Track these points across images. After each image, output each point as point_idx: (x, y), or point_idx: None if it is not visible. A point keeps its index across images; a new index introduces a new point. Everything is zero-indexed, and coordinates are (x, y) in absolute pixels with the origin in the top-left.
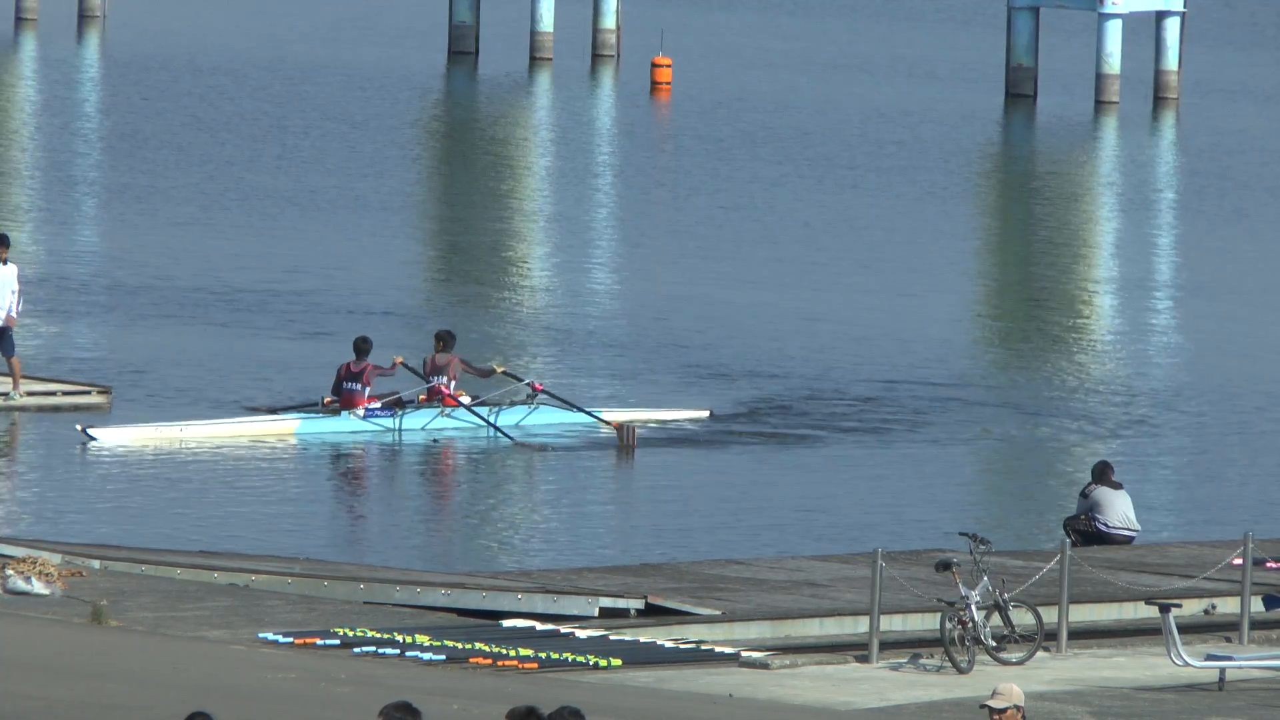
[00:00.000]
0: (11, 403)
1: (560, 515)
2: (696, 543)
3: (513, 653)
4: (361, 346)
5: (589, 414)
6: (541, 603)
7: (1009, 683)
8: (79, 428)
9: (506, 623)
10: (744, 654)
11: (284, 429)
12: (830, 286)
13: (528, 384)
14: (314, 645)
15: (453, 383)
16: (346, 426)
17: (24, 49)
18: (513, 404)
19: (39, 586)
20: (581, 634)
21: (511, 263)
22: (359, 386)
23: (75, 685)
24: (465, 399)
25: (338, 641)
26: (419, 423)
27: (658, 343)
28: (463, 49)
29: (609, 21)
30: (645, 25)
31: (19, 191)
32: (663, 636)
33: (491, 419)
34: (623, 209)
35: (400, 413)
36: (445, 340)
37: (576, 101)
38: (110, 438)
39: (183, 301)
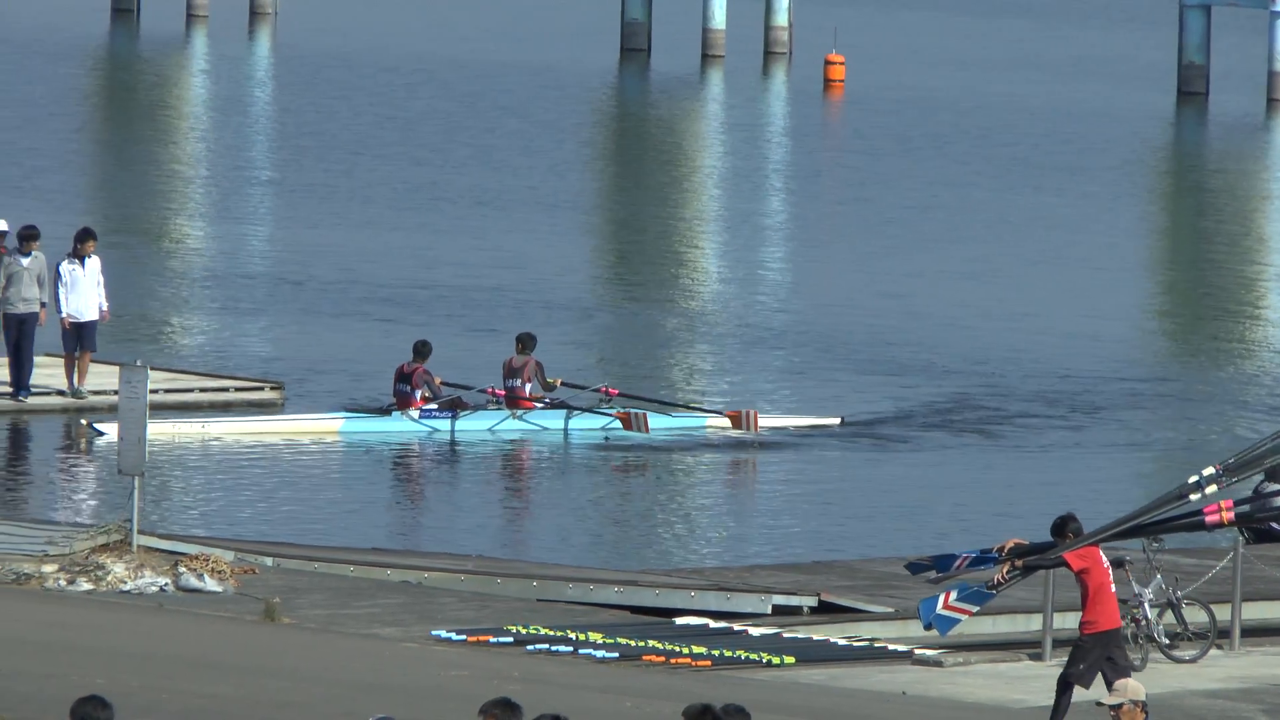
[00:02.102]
0: (82, 400)
1: (732, 513)
2: (869, 541)
3: (686, 650)
4: (419, 349)
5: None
6: (714, 600)
7: (1126, 679)
8: (84, 422)
9: (679, 620)
10: (917, 652)
11: (328, 428)
12: (1002, 285)
13: (598, 389)
14: (487, 643)
15: (528, 385)
16: (394, 427)
17: (195, 46)
18: (590, 409)
19: (211, 584)
20: (754, 631)
21: (681, 261)
22: (409, 388)
23: (246, 682)
24: (541, 403)
25: (510, 639)
26: (482, 425)
27: (822, 343)
28: (635, 46)
29: (781, 19)
30: (818, 22)
31: (192, 189)
32: (836, 634)
33: (567, 423)
34: (793, 208)
35: (459, 414)
36: (525, 343)
37: (748, 99)
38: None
39: (355, 298)
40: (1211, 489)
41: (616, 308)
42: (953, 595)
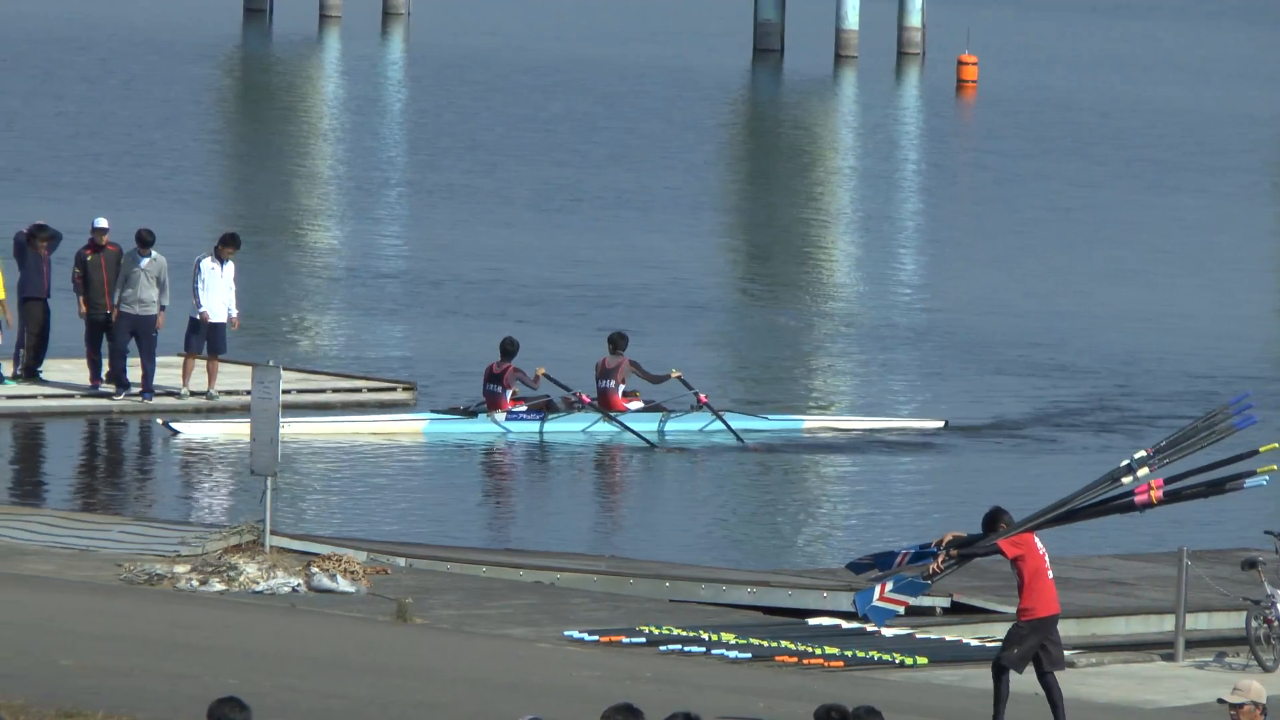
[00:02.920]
0: (214, 402)
1: (864, 513)
2: None
3: (818, 651)
4: (506, 348)
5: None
6: (847, 600)
7: (1250, 679)
8: (161, 421)
9: (812, 620)
10: None
11: (412, 428)
12: (1140, 286)
13: (694, 393)
14: (619, 643)
15: (621, 386)
16: (480, 428)
17: (328, 46)
18: (682, 412)
19: (344, 584)
20: (887, 632)
21: (814, 262)
22: (499, 388)
23: (379, 683)
24: (636, 404)
25: (643, 639)
26: (573, 427)
27: (955, 344)
28: (768, 47)
29: (914, 19)
30: (951, 23)
31: (327, 189)
32: (968, 634)
33: (661, 425)
34: (927, 208)
35: (548, 417)
36: (617, 343)
37: (881, 100)
38: (193, 431)
39: (491, 298)
40: (1143, 471)
41: (749, 308)
42: (889, 586)
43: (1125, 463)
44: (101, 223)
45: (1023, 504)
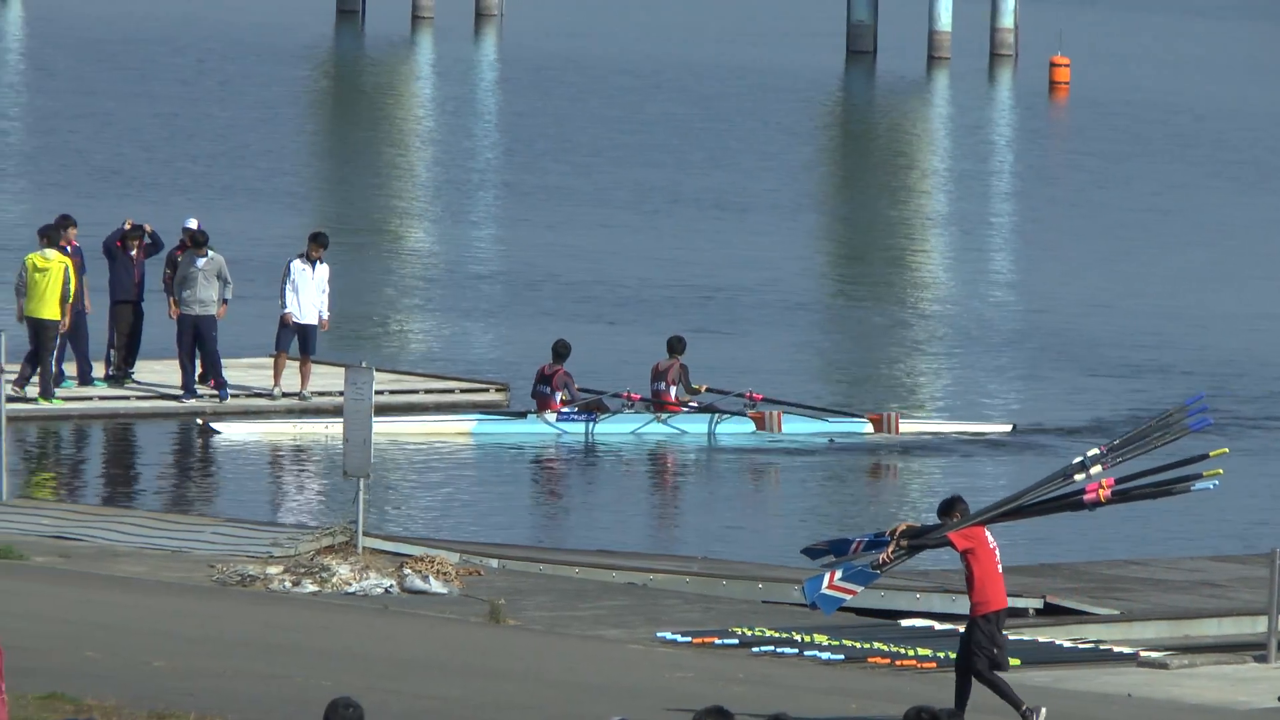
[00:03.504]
0: (307, 403)
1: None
2: (1093, 543)
3: (911, 652)
4: (558, 350)
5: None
6: (939, 602)
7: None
8: (200, 421)
9: (905, 622)
10: (1142, 654)
11: (460, 429)
12: (1235, 289)
13: (741, 394)
14: (712, 644)
15: (673, 389)
16: (530, 429)
17: (420, 47)
18: (733, 413)
19: (436, 585)
20: None
21: (906, 264)
22: (549, 390)
23: (471, 684)
24: (686, 407)
25: (736, 641)
26: (624, 428)
27: (1045, 346)
28: (861, 48)
29: (1007, 21)
30: (1043, 24)
31: (421, 191)
32: (1061, 636)
33: (712, 427)
34: (1019, 210)
35: (598, 418)
36: (674, 346)
37: (974, 101)
38: (232, 431)
39: (586, 299)
40: (1096, 469)
41: (843, 309)
42: (838, 575)
43: (1079, 460)
44: (192, 223)
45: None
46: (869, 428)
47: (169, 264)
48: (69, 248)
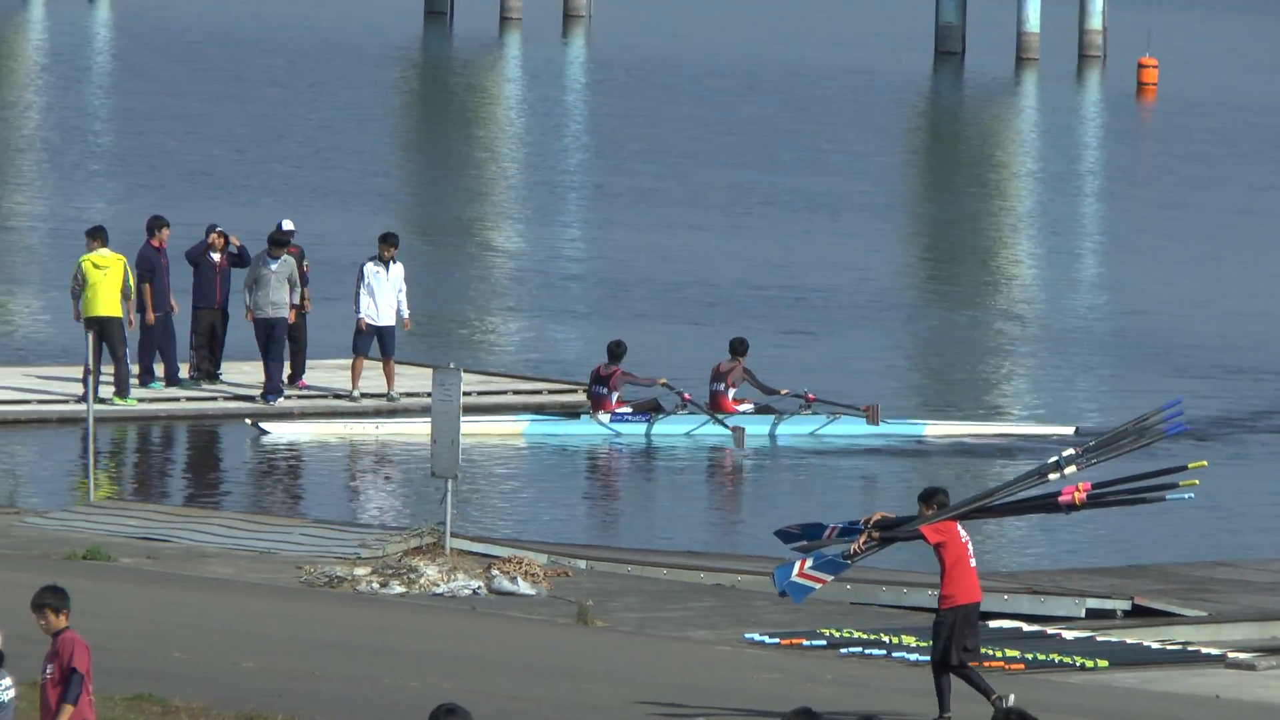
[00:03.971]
0: (394, 403)
1: (1043, 517)
2: (1182, 545)
3: (999, 653)
4: (613, 350)
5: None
6: (1028, 603)
7: None
8: (249, 421)
9: (993, 623)
10: (1230, 655)
11: (512, 429)
12: None
13: (801, 394)
14: (800, 646)
15: (732, 390)
16: (583, 430)
17: (509, 48)
18: (792, 414)
19: (524, 587)
20: (1068, 635)
21: (994, 265)
22: (605, 390)
23: (559, 685)
24: (746, 407)
25: (824, 642)
26: (679, 429)
27: (1132, 347)
28: (949, 49)
29: (1095, 22)
30: (1131, 25)
31: (509, 192)
32: (1149, 637)
33: (773, 429)
34: (1108, 211)
35: (654, 418)
36: (736, 348)
37: (1062, 102)
38: (282, 431)
39: (675, 300)
40: (1071, 470)
41: (930, 310)
42: (808, 563)
43: (1053, 460)
44: (287, 224)
45: (1187, 509)
46: (927, 428)
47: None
48: (160, 248)
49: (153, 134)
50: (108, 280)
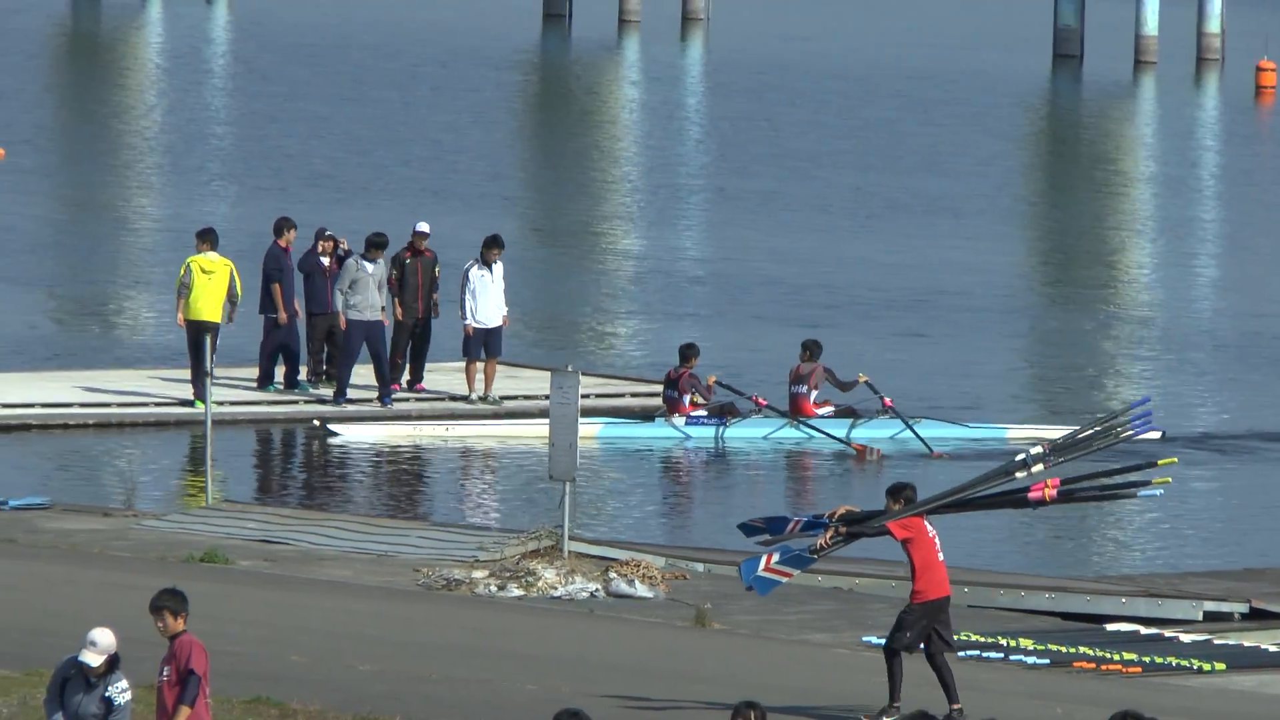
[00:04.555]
0: (497, 406)
1: (1160, 519)
2: None
3: (1116, 657)
4: (684, 352)
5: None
6: (1145, 606)
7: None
8: (316, 422)
9: (1110, 626)
10: None
11: (585, 432)
12: None
13: (880, 397)
14: None
15: (813, 393)
16: (657, 433)
17: (627, 51)
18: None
19: (642, 589)
20: (1185, 638)
21: (1113, 267)
22: (676, 393)
23: (676, 688)
24: (826, 410)
25: None
26: (756, 432)
27: (1249, 351)
28: (1067, 53)
29: (1214, 25)
30: (1250, 28)
31: (629, 195)
32: (1267, 640)
33: (849, 432)
34: (1227, 215)
35: (728, 422)
36: (811, 349)
37: (1180, 106)
38: (350, 432)
39: (790, 303)
40: (1038, 468)
41: (1047, 313)
42: (775, 558)
43: (1020, 457)
44: (423, 227)
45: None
46: (1010, 433)
47: (395, 265)
48: (287, 250)
49: (275, 137)
50: (213, 284)
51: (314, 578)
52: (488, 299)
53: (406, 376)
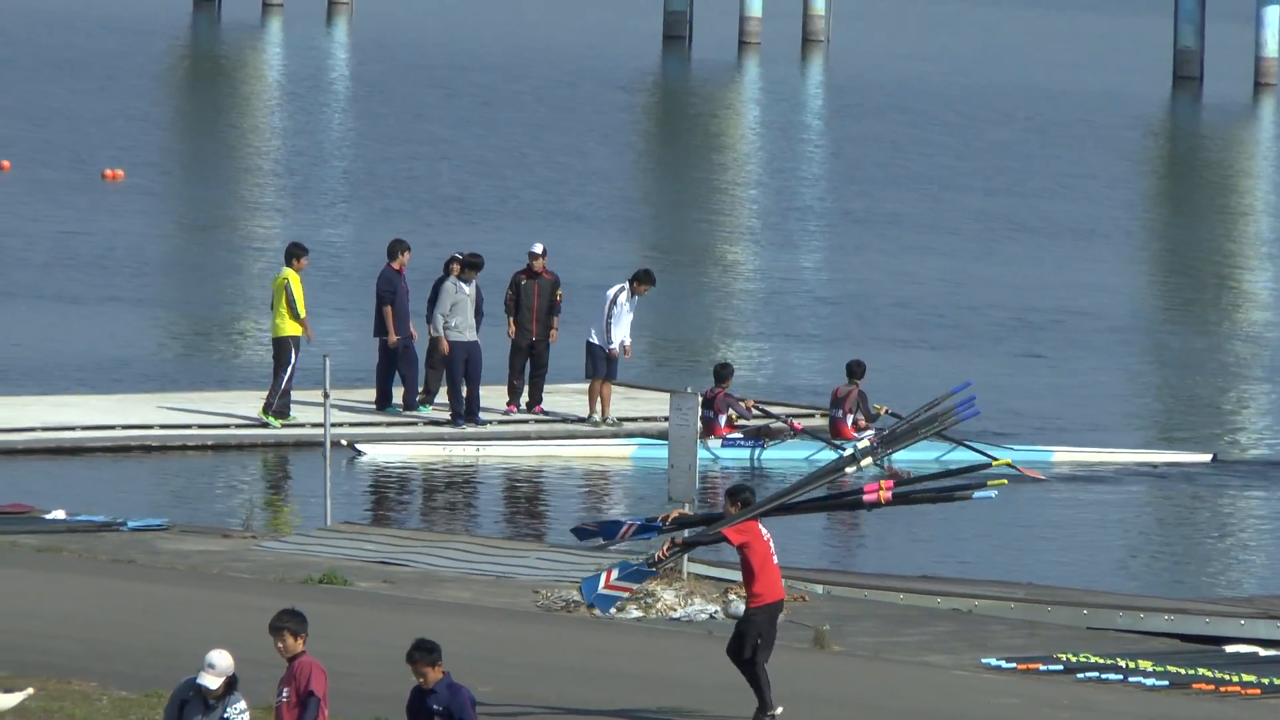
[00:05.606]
0: (616, 428)
1: (1273, 541)
2: None
3: (1235, 678)
4: (719, 372)
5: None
6: (1265, 628)
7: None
8: (345, 443)
9: (1229, 648)
10: None
11: (619, 453)
12: None
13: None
14: (1036, 671)
15: (850, 416)
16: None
17: (747, 72)
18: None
19: None
20: None
21: (1235, 290)
22: (712, 414)
23: (796, 710)
24: (868, 433)
25: (1060, 667)
26: (795, 455)
27: None
28: (1187, 74)
29: None
30: None
31: (748, 215)
32: None
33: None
34: None
35: (766, 444)
36: (853, 371)
37: None
38: (378, 452)
39: (901, 323)
40: (866, 462)
41: (1169, 336)
42: (614, 574)
43: (849, 452)
44: (537, 248)
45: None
46: (1056, 454)
47: (511, 285)
48: (400, 272)
49: (401, 159)
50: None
51: (433, 599)
52: (624, 326)
53: (525, 398)
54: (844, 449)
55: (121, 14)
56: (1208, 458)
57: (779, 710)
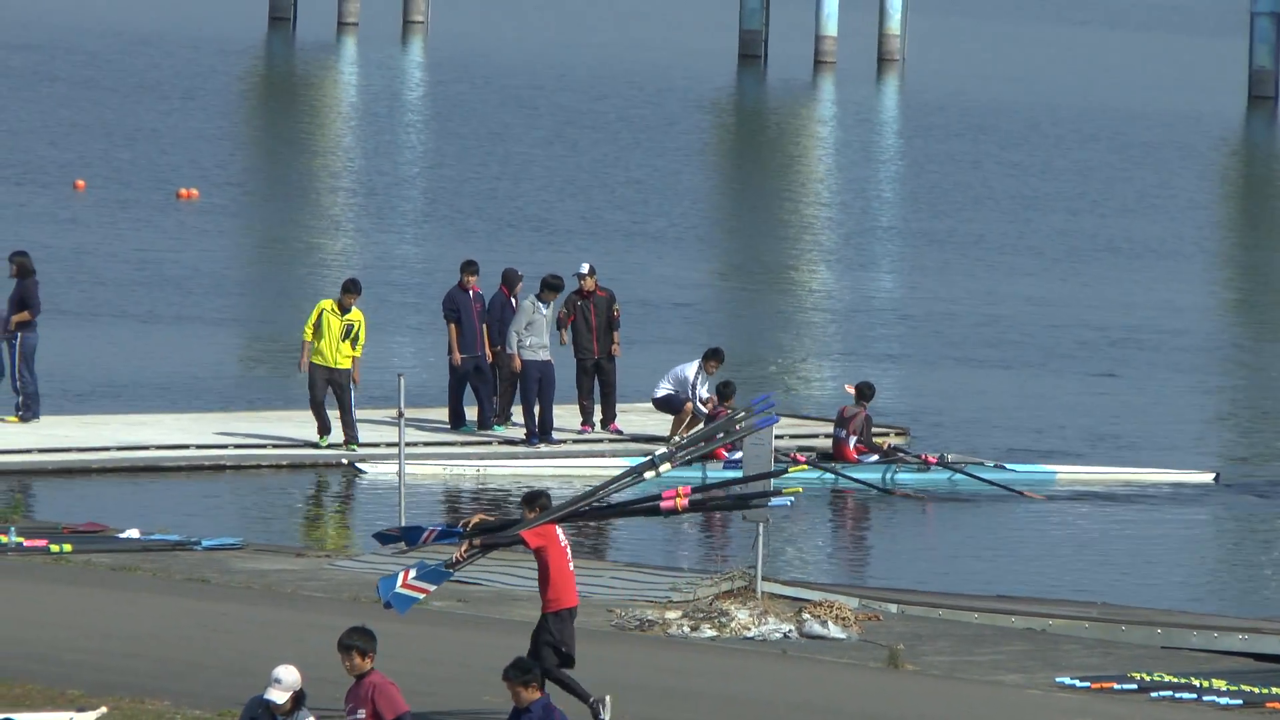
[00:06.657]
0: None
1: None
2: None
3: None
4: (722, 391)
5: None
6: None
7: None
8: (345, 461)
9: None
10: None
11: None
12: None
13: (918, 456)
14: (1110, 689)
15: (852, 438)
16: (689, 476)
17: (821, 91)
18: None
19: (835, 630)
20: None
21: None
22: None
23: None
24: (872, 457)
25: (1134, 686)
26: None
27: None
28: (1263, 94)
29: None
30: None
31: (826, 234)
32: None
33: (886, 481)
34: None
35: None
36: (862, 392)
37: None
38: (378, 471)
39: (977, 343)
40: (665, 467)
41: (1246, 358)
42: (412, 574)
43: (648, 458)
44: (584, 268)
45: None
46: (1059, 474)
47: (567, 305)
48: (471, 293)
49: (480, 178)
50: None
51: (506, 618)
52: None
53: (598, 417)
54: (842, 471)
55: (196, 34)
56: (1210, 477)
57: (608, 697)
